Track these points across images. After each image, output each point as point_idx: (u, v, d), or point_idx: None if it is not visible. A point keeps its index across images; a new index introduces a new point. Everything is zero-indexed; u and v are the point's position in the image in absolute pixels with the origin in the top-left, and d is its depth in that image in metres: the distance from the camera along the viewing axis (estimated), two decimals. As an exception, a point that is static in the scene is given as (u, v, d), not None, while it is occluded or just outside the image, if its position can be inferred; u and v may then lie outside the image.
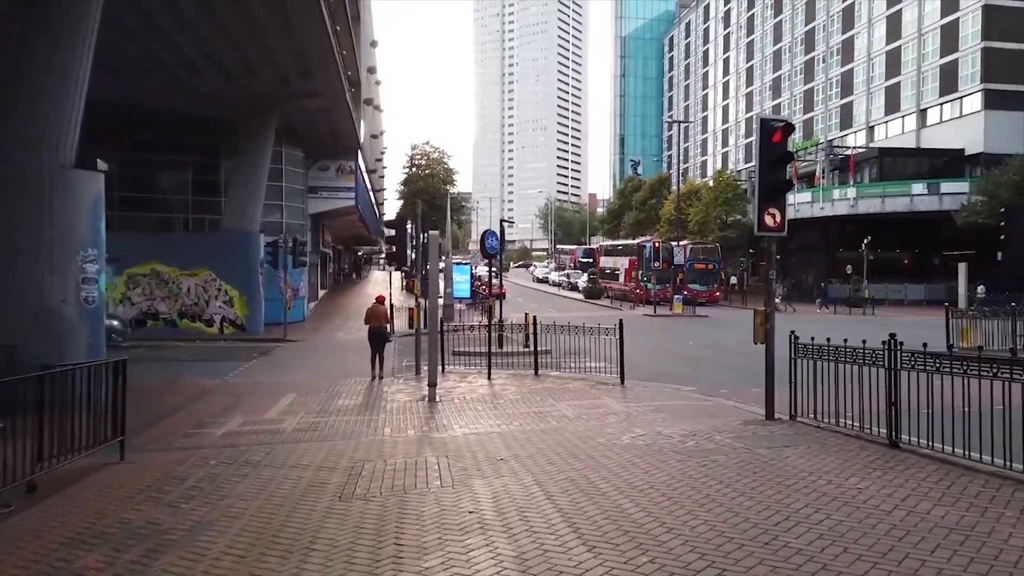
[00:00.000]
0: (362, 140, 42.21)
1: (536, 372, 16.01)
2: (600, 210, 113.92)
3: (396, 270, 42.55)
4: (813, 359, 9.30)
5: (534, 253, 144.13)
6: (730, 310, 42.85)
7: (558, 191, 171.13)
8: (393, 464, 8.04)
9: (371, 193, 60.37)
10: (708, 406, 12.11)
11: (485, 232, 15.08)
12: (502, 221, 22.35)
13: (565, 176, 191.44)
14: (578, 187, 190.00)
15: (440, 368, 16.49)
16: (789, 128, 9.64)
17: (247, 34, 22.38)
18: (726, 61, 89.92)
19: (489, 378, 15.45)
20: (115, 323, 24.40)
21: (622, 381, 14.37)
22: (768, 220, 9.63)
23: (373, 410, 12.18)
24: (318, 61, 25.76)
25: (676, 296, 39.46)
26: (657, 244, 40.24)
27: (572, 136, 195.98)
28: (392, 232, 16.08)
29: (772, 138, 9.57)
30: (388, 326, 15.61)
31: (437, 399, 13.00)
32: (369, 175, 54.61)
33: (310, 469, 7.97)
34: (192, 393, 14.28)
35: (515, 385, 14.63)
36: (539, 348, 19.10)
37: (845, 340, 8.71)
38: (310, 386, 15.10)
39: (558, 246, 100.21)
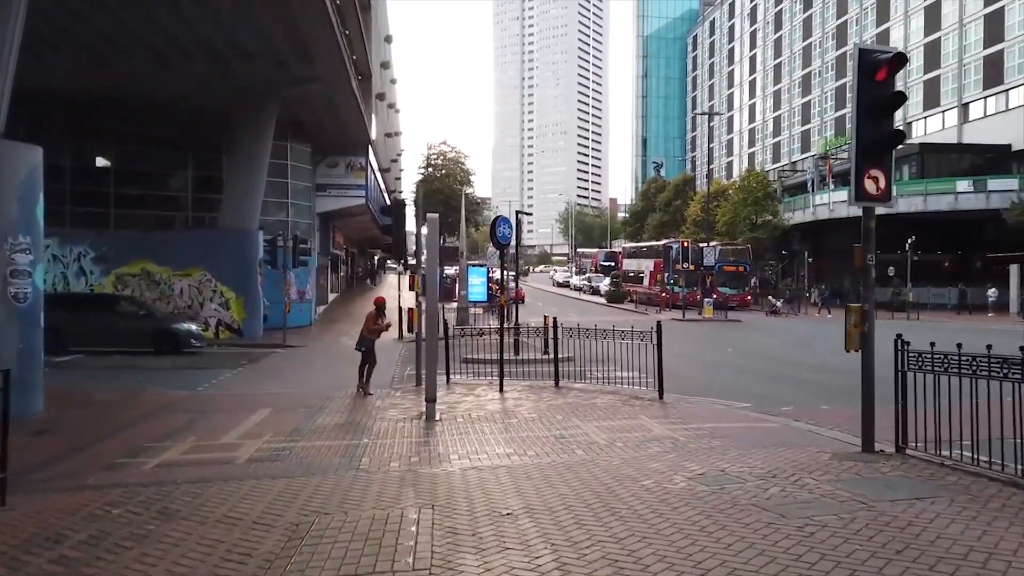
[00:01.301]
0: (373, 136, 40.13)
1: (557, 383, 13.61)
2: (621, 214, 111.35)
3: (405, 269, 40.29)
4: (933, 372, 6.85)
5: (554, 258, 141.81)
6: (761, 315, 40.13)
7: (578, 195, 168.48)
8: (355, 522, 5.70)
9: (385, 194, 58.37)
10: (774, 430, 9.64)
11: (496, 219, 12.71)
12: (518, 212, 20.04)
13: (585, 180, 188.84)
14: (598, 191, 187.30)
15: (445, 378, 14.22)
16: (899, 61, 7.23)
17: (233, 7, 20.29)
18: (752, 58, 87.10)
19: (501, 390, 13.10)
20: (193, 327, 22.52)
21: (660, 396, 11.93)
22: (869, 185, 7.23)
23: (355, 432, 9.86)
24: (318, 42, 23.63)
25: (706, 299, 36.89)
26: (686, 244, 37.68)
27: (592, 139, 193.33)
28: (388, 220, 13.78)
29: (875, 76, 7.16)
30: (370, 332, 13.34)
31: (436, 417, 10.68)
32: (382, 174, 52.57)
33: (240, 527, 5.66)
34: (148, 408, 12.06)
35: (532, 399, 12.25)
36: (560, 355, 16.89)
37: (959, 345, 6.37)
38: (292, 400, 12.84)
39: (579, 249, 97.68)
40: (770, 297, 42.02)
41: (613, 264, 69.06)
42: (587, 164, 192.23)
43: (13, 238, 10.76)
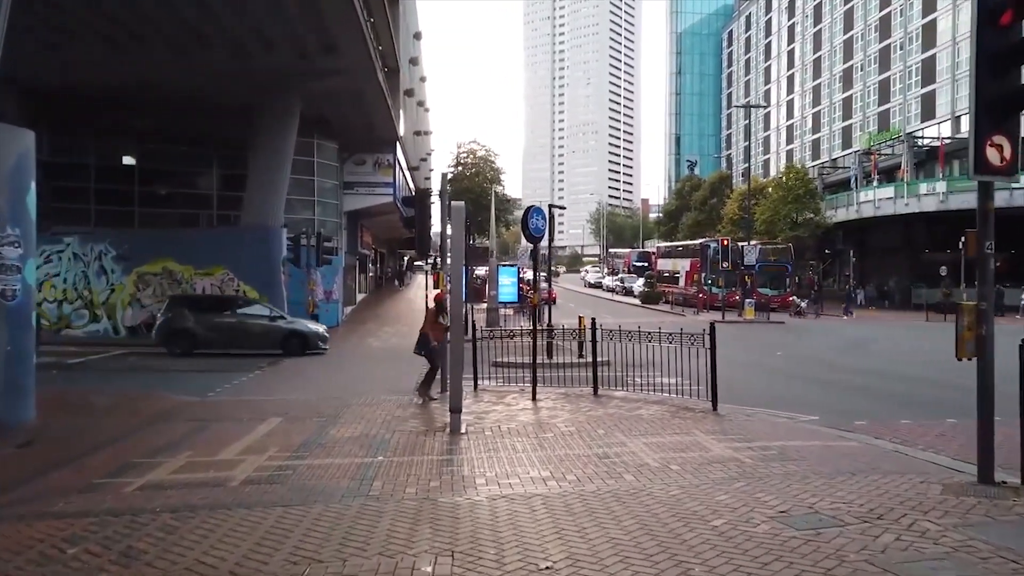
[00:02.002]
0: (402, 132, 39.17)
1: (596, 391, 12.33)
2: (653, 215, 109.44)
3: (433, 268, 39.31)
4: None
5: (584, 259, 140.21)
6: (803, 317, 38.32)
7: (610, 195, 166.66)
8: (354, 575, 4.51)
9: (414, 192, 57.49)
10: (856, 451, 8.26)
11: (529, 209, 11.46)
12: (551, 206, 18.79)
13: (617, 180, 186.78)
14: (630, 191, 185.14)
15: (473, 384, 13.03)
16: (1030, 0, 5.84)
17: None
18: (790, 53, 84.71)
19: (534, 398, 11.86)
20: (320, 329, 21.84)
21: (715, 407, 10.59)
22: (991, 155, 5.85)
23: (370, 447, 8.70)
24: (343, 33, 22.68)
25: (748, 300, 35.24)
26: (725, 242, 36.03)
27: (624, 139, 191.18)
28: (412, 212, 12.61)
29: (999, 19, 5.79)
30: (433, 332, 12.08)
31: (462, 429, 9.48)
32: (411, 173, 51.68)
33: (210, 579, 4.52)
34: (149, 416, 11.05)
35: (568, 409, 11.00)
36: (588, 358, 15.70)
37: None
38: (306, 407, 11.75)
39: (610, 250, 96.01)
40: (794, 298, 40.18)
41: (646, 264, 67.46)
42: (618, 164, 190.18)
43: (0, 230, 9.81)
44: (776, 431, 9.39)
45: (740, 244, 39.82)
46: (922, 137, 56.36)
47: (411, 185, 53.09)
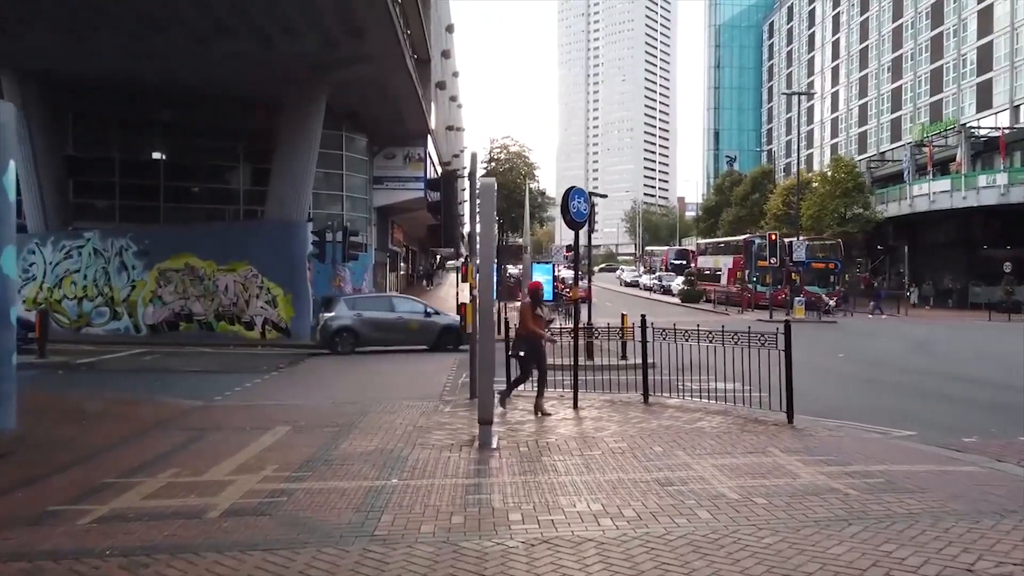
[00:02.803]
0: (432, 125, 38.00)
1: (646, 398, 10.82)
2: (689, 213, 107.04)
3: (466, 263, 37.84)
4: None
5: (619, 257, 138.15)
6: (853, 316, 36.20)
7: (645, 193, 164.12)
8: None
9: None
10: (983, 479, 6.64)
11: (570, 191, 9.96)
12: (591, 193, 17.29)
13: (652, 178, 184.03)
14: (666, 188, 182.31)
15: (506, 390, 11.60)
16: None
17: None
18: (835, 44, 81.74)
19: (576, 407, 10.41)
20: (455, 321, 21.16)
21: (790, 419, 9.02)
22: None
23: (384, 466, 7.34)
24: (370, 16, 21.45)
25: (797, 299, 33.30)
26: (773, 237, 34.09)
27: (660, 136, 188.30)
28: (436, 195, 11.25)
29: None
30: (531, 330, 9.98)
31: (493, 444, 8.09)
32: (443, 168, 50.50)
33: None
34: (144, 423, 9.85)
35: (616, 420, 9.52)
36: (640, 361, 14.33)
37: None
38: (319, 415, 10.46)
39: (647, 248, 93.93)
40: (823, 296, 37.94)
41: (684, 262, 65.63)
42: (654, 162, 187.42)
43: (-30, 213, 8.68)
44: (871, 450, 7.80)
45: (787, 240, 37.80)
46: (979, 127, 53.48)
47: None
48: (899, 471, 6.79)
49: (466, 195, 13.55)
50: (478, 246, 8.20)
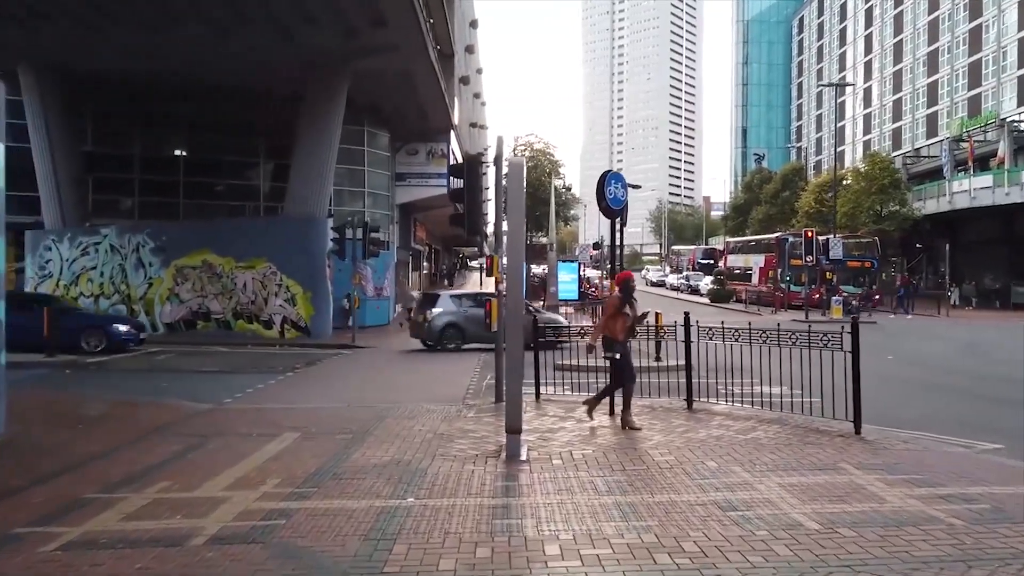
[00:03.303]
0: (456, 120, 37.18)
1: (690, 404, 9.83)
2: (715, 213, 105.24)
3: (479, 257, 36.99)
4: None
5: (644, 257, 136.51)
6: (888, 316, 34.71)
7: (670, 192, 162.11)
8: None
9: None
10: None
11: (606, 176, 8.99)
12: (628, 185, 16.19)
13: (678, 176, 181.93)
14: (691, 188, 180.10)
15: (535, 393, 10.72)
16: None
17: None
18: (868, 38, 79.74)
19: (613, 412, 9.46)
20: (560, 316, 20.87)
21: (857, 429, 8.00)
22: None
23: (399, 481, 6.47)
24: (391, 4, 20.67)
25: (834, 298, 31.95)
26: (810, 234, 32.75)
27: (685, 134, 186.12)
28: (459, 183, 10.34)
29: None
30: (617, 327, 8.70)
31: (522, 456, 7.19)
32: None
33: None
34: (143, 428, 9.08)
35: (659, 429, 8.56)
36: (674, 362, 13.51)
37: None
38: (333, 419, 9.64)
39: (673, 247, 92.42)
40: (845, 295, 36.35)
41: (712, 261, 64.24)
42: (679, 161, 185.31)
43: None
44: (962, 467, 6.76)
45: (823, 237, 36.41)
46: (1022, 121, 51.50)
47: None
48: (1003, 494, 5.77)
49: (485, 188, 12.60)
50: (505, 235, 7.30)
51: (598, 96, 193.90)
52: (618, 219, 9.35)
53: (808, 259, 32.28)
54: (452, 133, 36.87)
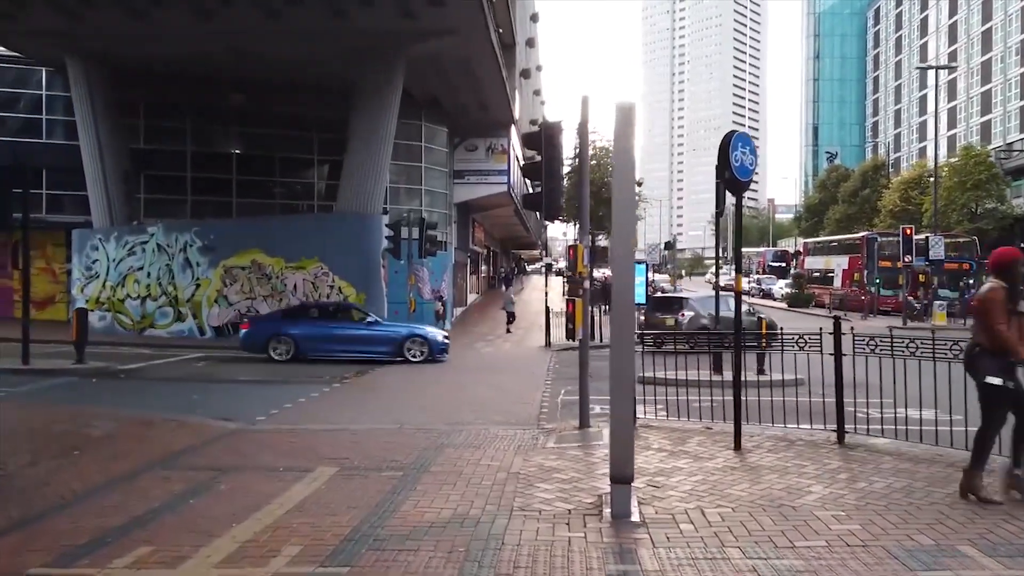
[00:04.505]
0: (517, 115, 35.32)
1: (840, 436, 7.56)
2: (780, 215, 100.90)
3: (547, 269, 35.12)
4: None
5: (706, 261, 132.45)
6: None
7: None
8: None
9: (529, 186, 53.51)
10: None
11: (731, 137, 6.82)
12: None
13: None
14: (755, 190, 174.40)
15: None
16: None
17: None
18: (952, 27, 74.85)
19: (737, 446, 7.30)
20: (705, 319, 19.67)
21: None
22: None
23: (469, 555, 4.51)
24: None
25: (937, 303, 28.87)
26: (909, 231, 29.72)
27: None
28: (535, 155, 8.33)
29: None
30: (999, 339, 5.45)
31: (634, 515, 5.14)
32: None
33: None
34: (149, 455, 7.37)
35: (812, 474, 6.34)
36: (776, 376, 11.57)
37: None
38: (380, 445, 7.78)
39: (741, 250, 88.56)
40: (911, 298, 32.75)
41: (783, 264, 60.94)
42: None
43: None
44: None
45: (918, 237, 33.16)
46: None
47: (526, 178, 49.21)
48: None
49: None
50: (615, 206, 5.25)
51: (658, 96, 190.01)
52: (743, 194, 7.11)
53: (906, 259, 29.25)
54: (513, 128, 35.04)
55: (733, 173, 6.84)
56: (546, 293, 26.44)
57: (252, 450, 7.79)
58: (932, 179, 49.49)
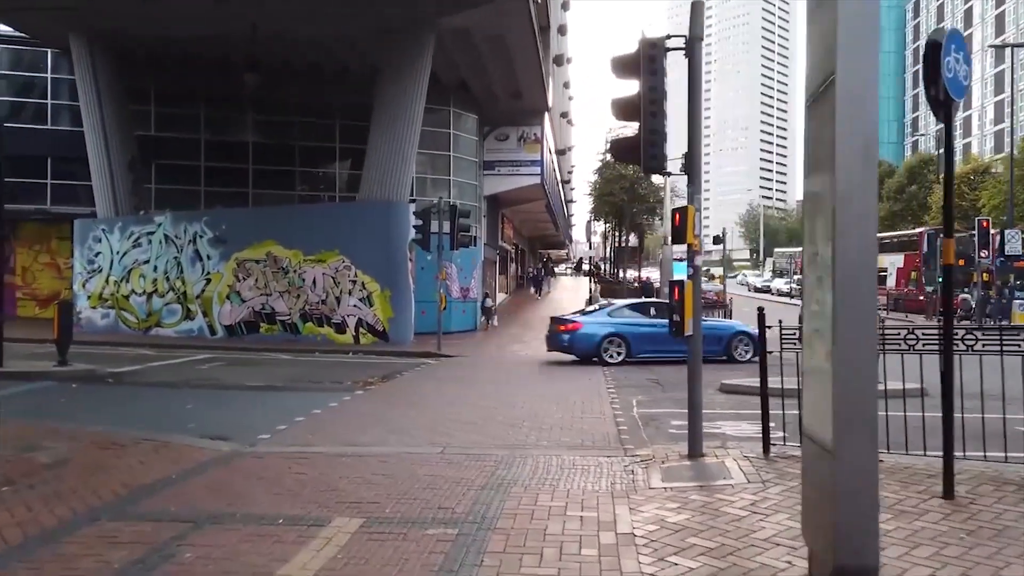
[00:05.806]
0: (551, 103, 33.13)
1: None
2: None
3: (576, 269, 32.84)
4: None
5: (735, 263, 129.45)
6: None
7: (761, 195, 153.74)
8: None
9: (559, 183, 51.22)
10: None
11: (939, 41, 4.60)
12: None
13: (769, 179, 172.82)
14: (783, 190, 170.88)
15: (763, 445, 6.43)
16: None
17: None
18: (999, 17, 71.70)
19: (949, 493, 5.02)
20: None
21: None
22: None
23: None
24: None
25: (1017, 302, 26.26)
26: (986, 224, 27.07)
27: (777, 134, 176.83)
28: (632, 85, 6.03)
29: None
30: None
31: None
32: (558, 157, 45.60)
33: None
34: (101, 495, 5.27)
35: (1007, 533, 4.10)
36: (897, 385, 9.08)
37: None
38: (420, 483, 5.62)
39: (776, 249, 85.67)
40: (966, 297, 29.94)
41: (824, 264, 58.08)
42: (771, 163, 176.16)
43: None
44: None
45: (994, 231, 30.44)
46: None
47: (557, 173, 47.02)
48: None
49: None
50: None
51: (683, 97, 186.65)
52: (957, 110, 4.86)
53: (983, 254, 26.62)
54: (546, 116, 32.85)
55: (945, 87, 4.58)
56: (590, 290, 24.20)
57: (244, 487, 5.65)
58: (989, 172, 46.76)
